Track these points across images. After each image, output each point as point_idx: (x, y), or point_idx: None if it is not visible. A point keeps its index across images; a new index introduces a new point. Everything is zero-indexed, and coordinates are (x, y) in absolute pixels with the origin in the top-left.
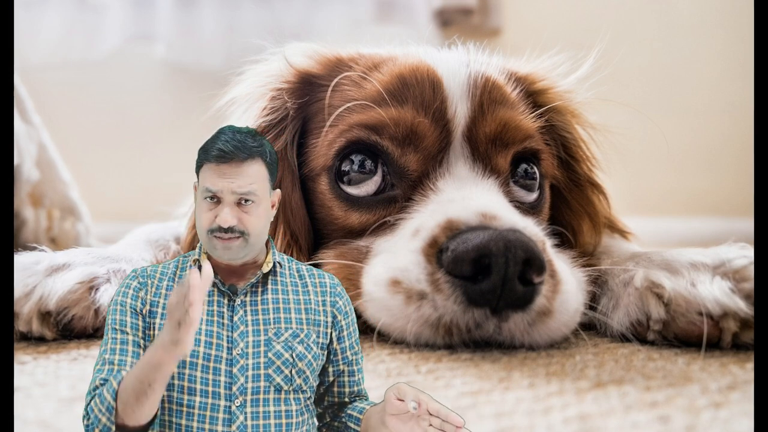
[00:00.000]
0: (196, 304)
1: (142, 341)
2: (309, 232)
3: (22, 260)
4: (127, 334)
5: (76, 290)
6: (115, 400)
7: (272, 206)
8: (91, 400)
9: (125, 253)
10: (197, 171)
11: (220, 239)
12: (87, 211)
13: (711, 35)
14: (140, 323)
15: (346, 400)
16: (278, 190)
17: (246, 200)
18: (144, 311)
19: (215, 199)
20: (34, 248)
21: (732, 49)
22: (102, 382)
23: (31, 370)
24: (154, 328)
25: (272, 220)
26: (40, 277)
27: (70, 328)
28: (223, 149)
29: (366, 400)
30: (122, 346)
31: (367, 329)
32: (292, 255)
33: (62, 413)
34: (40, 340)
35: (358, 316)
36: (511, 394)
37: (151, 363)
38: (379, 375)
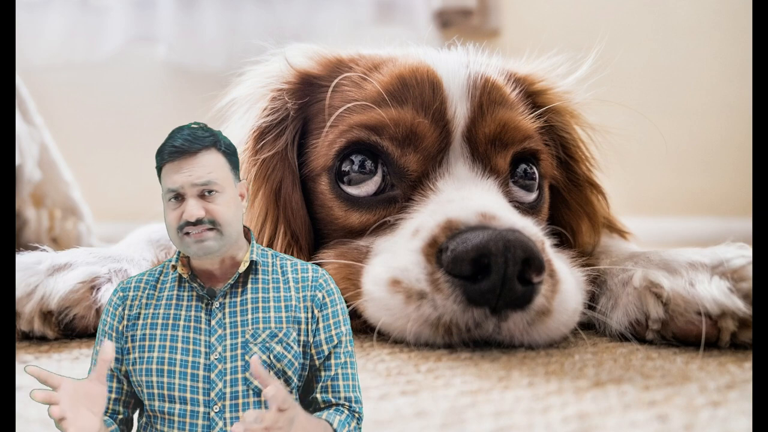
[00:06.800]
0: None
1: (112, 363)
2: (309, 232)
3: (23, 260)
4: None
5: (77, 290)
6: None
7: (241, 197)
8: None
9: (127, 253)
10: (159, 178)
11: (190, 235)
12: (88, 211)
13: (709, 36)
14: (113, 345)
15: (321, 402)
16: (244, 181)
17: (209, 191)
18: (121, 326)
19: (179, 198)
20: (35, 248)
21: (730, 50)
22: None
23: None
24: (134, 339)
25: (244, 212)
26: (42, 276)
27: (71, 328)
28: (175, 145)
29: (337, 411)
30: None
31: (367, 329)
32: (292, 255)
33: None
34: (42, 339)
35: (358, 316)
36: (510, 393)
37: None
38: (379, 374)
